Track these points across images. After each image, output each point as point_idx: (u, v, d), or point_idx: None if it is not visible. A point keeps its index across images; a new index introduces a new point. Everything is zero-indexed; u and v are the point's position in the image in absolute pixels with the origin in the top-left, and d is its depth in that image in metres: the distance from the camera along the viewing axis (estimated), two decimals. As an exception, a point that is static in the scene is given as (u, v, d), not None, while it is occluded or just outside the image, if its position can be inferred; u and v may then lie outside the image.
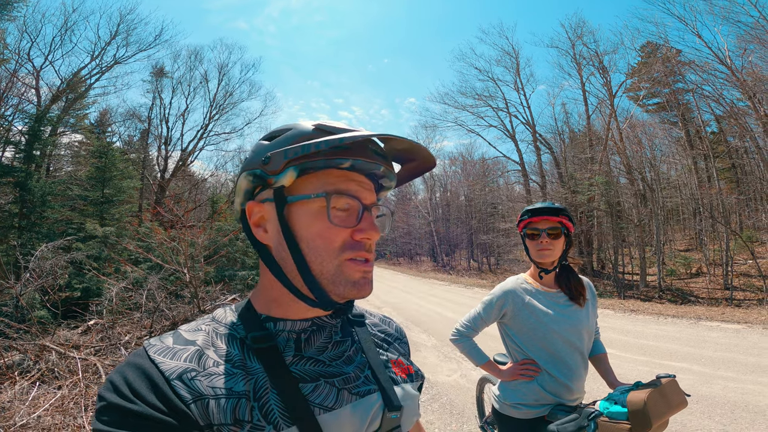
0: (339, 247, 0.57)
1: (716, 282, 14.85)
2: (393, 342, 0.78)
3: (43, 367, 4.12)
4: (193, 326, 0.59)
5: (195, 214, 17.81)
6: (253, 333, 0.57)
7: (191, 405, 0.48)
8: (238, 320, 0.60)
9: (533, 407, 1.63)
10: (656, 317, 8.38)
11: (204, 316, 0.62)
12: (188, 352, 0.53)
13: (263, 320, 0.60)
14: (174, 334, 0.57)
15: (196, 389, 0.49)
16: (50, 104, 15.41)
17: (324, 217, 0.57)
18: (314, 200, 0.57)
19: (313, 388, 0.57)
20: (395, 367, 0.71)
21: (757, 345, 5.69)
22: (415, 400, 0.70)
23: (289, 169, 0.55)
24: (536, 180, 23.39)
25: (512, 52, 23.51)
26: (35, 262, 6.05)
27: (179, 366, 0.51)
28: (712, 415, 3.60)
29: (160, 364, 0.50)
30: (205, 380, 0.51)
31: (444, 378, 4.96)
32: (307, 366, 0.59)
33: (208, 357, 0.54)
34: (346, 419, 0.57)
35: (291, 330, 0.60)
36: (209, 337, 0.57)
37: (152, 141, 22.56)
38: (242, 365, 0.54)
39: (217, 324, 0.60)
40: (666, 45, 18.56)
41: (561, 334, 1.62)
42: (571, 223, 1.68)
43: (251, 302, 0.63)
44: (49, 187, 10.98)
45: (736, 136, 18.39)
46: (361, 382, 0.63)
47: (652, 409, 1.24)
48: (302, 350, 0.60)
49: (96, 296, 6.74)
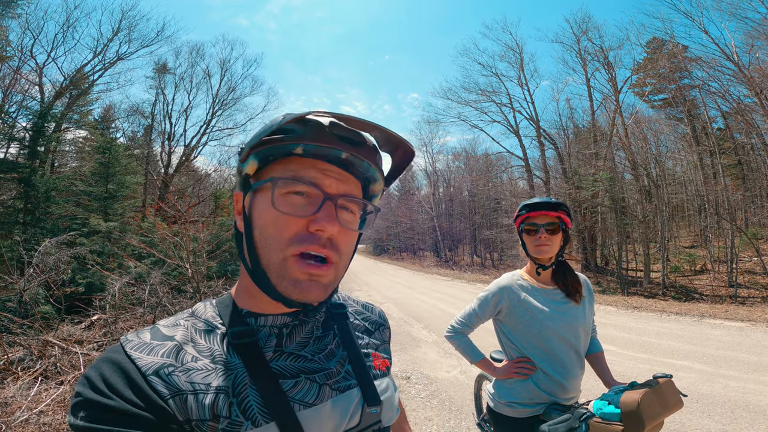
0: (289, 238, 0.54)
1: (720, 279, 14.75)
2: (375, 330, 0.77)
3: (46, 363, 4.16)
4: (172, 321, 0.58)
5: (198, 210, 17.87)
6: (233, 328, 0.57)
7: (169, 400, 0.48)
8: (218, 315, 0.60)
9: (528, 406, 1.62)
10: (659, 314, 8.33)
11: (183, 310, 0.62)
12: (166, 347, 0.53)
13: (244, 315, 0.60)
14: (152, 329, 0.56)
15: (173, 384, 0.49)
16: (53, 101, 15.49)
17: (286, 205, 0.54)
18: (267, 186, 0.56)
19: (293, 384, 0.56)
20: (375, 361, 0.70)
21: (760, 343, 5.64)
22: (394, 394, 0.69)
23: (250, 158, 0.56)
24: (540, 176, 23.29)
25: (516, 47, 23.35)
26: (39, 257, 6.10)
27: (156, 361, 0.50)
28: (711, 414, 3.57)
29: (136, 359, 0.50)
30: (183, 375, 0.50)
31: (443, 374, 4.96)
32: (288, 361, 0.58)
33: (186, 352, 0.53)
34: (327, 415, 0.57)
35: (272, 325, 0.60)
36: (188, 332, 0.56)
37: (155, 137, 22.66)
38: (222, 360, 0.54)
39: (196, 319, 0.59)
40: (672, 41, 18.35)
41: (557, 332, 1.60)
42: (569, 218, 1.65)
43: (232, 296, 0.63)
44: (53, 182, 11.07)
45: (742, 133, 18.22)
46: (342, 377, 0.62)
47: (646, 411, 1.22)
48: (283, 345, 0.59)
49: (99, 291, 6.79)
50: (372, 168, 0.60)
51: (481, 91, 24.28)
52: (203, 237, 7.75)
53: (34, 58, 16.33)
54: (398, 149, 0.64)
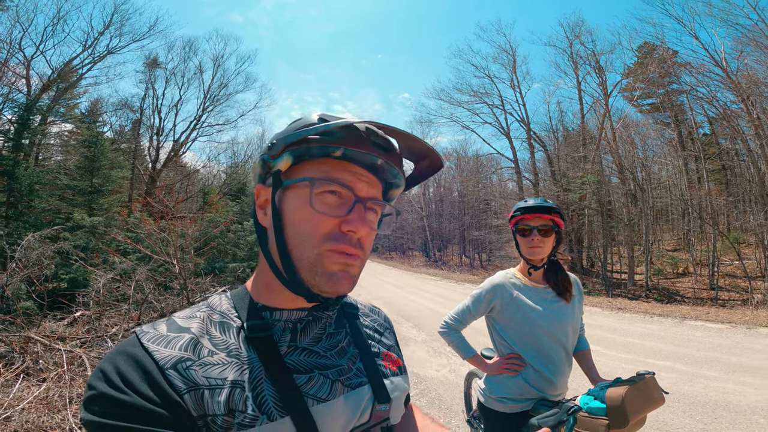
0: (323, 235, 0.56)
1: (702, 282, 15.11)
2: (384, 332, 0.79)
3: (28, 360, 4.07)
4: (188, 313, 0.58)
5: (186, 205, 17.68)
6: (250, 322, 0.57)
7: (185, 395, 0.47)
8: (234, 308, 0.60)
9: (517, 401, 1.65)
10: (642, 315, 8.49)
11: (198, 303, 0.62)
12: (183, 340, 0.52)
13: (260, 309, 0.60)
14: (168, 321, 0.56)
15: (191, 379, 0.49)
16: (40, 93, 15.20)
17: (327, 205, 0.57)
18: (303, 185, 0.57)
19: (307, 379, 0.57)
20: (385, 360, 0.72)
21: (739, 345, 5.79)
22: (404, 392, 0.70)
23: (285, 155, 0.57)
24: (529, 177, 23.57)
25: (509, 49, 23.54)
26: (21, 251, 5.96)
27: (174, 355, 0.50)
28: (693, 413, 3.64)
29: (153, 352, 0.49)
30: (200, 370, 0.50)
31: (433, 373, 4.99)
32: (302, 356, 0.59)
33: (203, 346, 0.53)
34: (339, 411, 0.58)
35: (287, 320, 0.60)
36: (204, 324, 0.56)
37: (144, 131, 22.27)
38: (237, 354, 0.54)
39: (212, 311, 0.59)
40: (663, 46, 18.67)
41: (547, 330, 1.64)
42: (562, 220, 1.69)
43: (247, 290, 0.63)
44: (37, 176, 10.83)
45: (727, 138, 18.64)
46: (353, 374, 0.63)
47: (630, 406, 1.26)
48: (297, 341, 0.60)
49: (83, 287, 6.65)
50: (400, 174, 0.64)
51: (474, 93, 24.45)
52: (191, 233, 7.66)
53: (22, 51, 16.01)
54: (425, 159, 0.67)
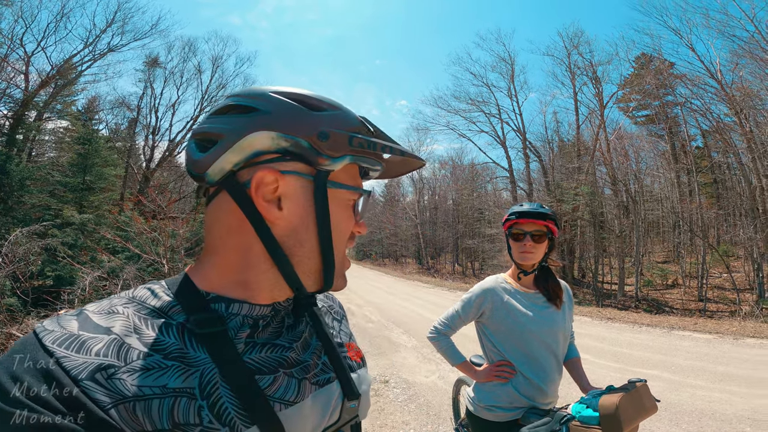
0: (347, 236, 0.57)
1: (691, 294, 15.23)
2: (341, 320, 0.74)
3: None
4: (106, 307, 0.46)
5: (179, 206, 17.52)
6: (196, 315, 0.47)
7: (111, 410, 0.38)
8: (172, 300, 0.49)
9: (507, 410, 1.62)
10: (631, 325, 8.53)
11: (118, 294, 0.50)
12: (102, 342, 0.42)
13: (210, 300, 0.50)
14: (79, 316, 0.44)
15: (115, 390, 0.39)
16: (38, 90, 15.05)
17: (350, 207, 0.56)
18: (349, 191, 0.55)
19: (271, 380, 0.50)
20: (350, 351, 0.67)
21: (726, 355, 5.83)
22: (369, 386, 0.66)
23: (346, 157, 0.52)
24: (524, 187, 23.66)
25: (508, 58, 23.75)
26: (8, 247, 5.85)
27: (90, 361, 0.40)
28: (679, 422, 3.66)
29: (62, 359, 0.39)
30: (128, 378, 0.40)
31: (422, 379, 4.95)
32: (263, 353, 0.52)
33: (131, 347, 0.43)
34: (308, 412, 0.53)
35: (248, 315, 0.51)
36: (130, 321, 0.45)
37: (140, 130, 22.18)
38: (180, 356, 0.45)
39: (140, 305, 0.48)
40: (659, 57, 18.90)
41: (537, 335, 1.62)
42: (556, 227, 1.68)
43: (190, 278, 0.52)
44: (28, 171, 10.72)
45: (719, 152, 18.84)
46: (320, 370, 0.58)
47: (624, 414, 1.24)
48: (255, 336, 0.52)
49: (69, 285, 6.55)
50: None
51: (471, 101, 24.61)
52: (182, 233, 7.58)
53: (23, 47, 15.89)
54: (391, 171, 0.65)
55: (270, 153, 0.49)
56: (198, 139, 0.52)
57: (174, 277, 0.53)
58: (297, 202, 0.51)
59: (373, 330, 7.78)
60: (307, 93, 0.52)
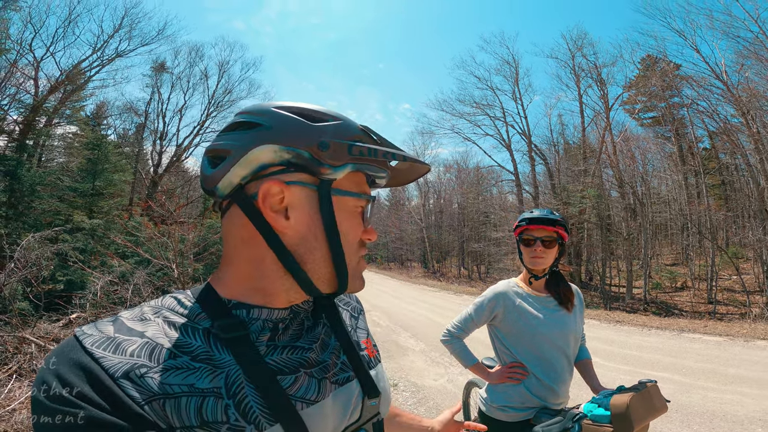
0: (358, 244, 0.58)
1: (700, 296, 15.08)
2: (358, 316, 0.75)
3: (21, 360, 4.04)
4: (138, 314, 0.50)
5: (187, 211, 17.64)
6: (221, 321, 0.50)
7: (145, 406, 0.41)
8: (197, 308, 0.52)
9: (519, 410, 1.65)
10: (640, 328, 8.45)
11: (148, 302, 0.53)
12: (135, 344, 0.45)
13: (231, 307, 0.53)
14: (115, 322, 0.48)
15: (147, 388, 0.42)
16: (47, 95, 15.23)
17: (358, 214, 0.58)
18: (354, 198, 0.57)
19: (293, 380, 0.52)
20: (368, 349, 0.68)
21: (737, 357, 5.76)
22: (388, 382, 0.68)
23: (348, 165, 0.53)
24: (529, 190, 23.62)
25: (512, 61, 23.77)
26: (20, 252, 5.94)
27: (125, 361, 0.43)
28: (690, 424, 3.64)
29: (101, 358, 0.42)
30: (158, 377, 0.44)
31: (431, 382, 4.95)
32: (284, 355, 0.54)
33: (162, 349, 0.46)
34: (329, 411, 0.54)
35: (267, 319, 0.54)
36: (160, 327, 0.49)
37: (147, 135, 22.43)
38: (207, 358, 0.48)
39: (169, 312, 0.51)
40: (664, 59, 18.81)
41: (549, 338, 1.64)
42: (566, 232, 1.71)
43: (212, 287, 0.55)
44: (39, 177, 10.86)
45: (727, 153, 18.70)
46: (339, 369, 0.60)
47: (634, 413, 1.25)
48: (276, 339, 0.55)
49: (80, 289, 6.63)
50: None
51: (476, 104, 24.64)
52: (191, 238, 7.65)
53: (32, 52, 16.09)
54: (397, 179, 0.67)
55: (275, 165, 0.52)
56: (210, 156, 0.55)
57: (197, 286, 0.57)
58: (303, 211, 0.53)
59: (381, 334, 7.78)
60: (308, 106, 0.55)
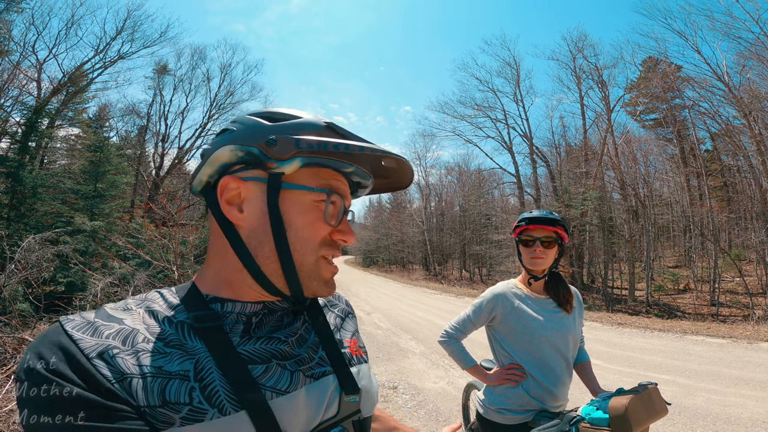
0: (320, 242, 0.57)
1: (703, 298, 15.01)
2: (345, 317, 0.76)
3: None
4: (121, 305, 0.54)
5: (188, 213, 17.70)
6: (196, 312, 0.53)
7: (115, 384, 0.44)
8: (179, 301, 0.56)
9: (517, 413, 1.63)
10: (643, 330, 8.41)
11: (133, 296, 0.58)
12: (112, 329, 0.48)
13: (209, 301, 0.56)
14: (97, 310, 0.52)
15: (117, 367, 0.45)
16: (50, 97, 15.32)
17: (318, 210, 0.56)
18: (311, 193, 0.56)
19: (263, 369, 0.54)
20: (351, 348, 0.69)
21: (741, 359, 5.72)
22: (373, 382, 0.67)
23: (296, 159, 0.54)
24: (531, 193, 23.62)
25: (513, 63, 23.90)
26: (21, 253, 5.96)
27: (100, 343, 0.46)
28: (694, 427, 3.61)
29: (78, 340, 0.45)
30: (129, 358, 0.46)
31: (431, 385, 4.93)
32: (258, 345, 0.56)
33: (137, 334, 0.49)
34: (301, 404, 0.55)
35: (240, 312, 0.57)
36: (140, 316, 0.52)
37: (149, 137, 22.55)
38: (179, 344, 0.50)
39: (150, 303, 0.55)
40: (665, 60, 18.81)
41: (548, 340, 1.63)
42: (566, 233, 1.69)
43: (195, 283, 0.59)
44: (41, 179, 10.91)
45: (729, 155, 18.63)
46: (315, 363, 0.60)
47: (633, 416, 1.23)
48: (251, 331, 0.57)
49: (80, 291, 6.65)
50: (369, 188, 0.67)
51: (477, 106, 24.74)
52: (192, 240, 7.65)
53: (35, 54, 16.26)
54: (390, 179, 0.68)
55: (235, 164, 0.56)
56: None
57: (184, 283, 0.60)
58: (255, 205, 0.55)
59: (382, 336, 7.76)
60: (276, 110, 0.58)
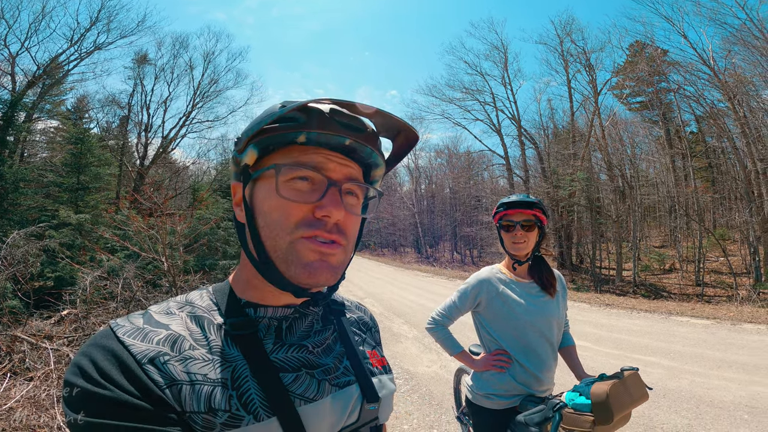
0: (296, 223, 0.53)
1: (688, 278, 15.37)
2: (368, 330, 0.78)
3: (15, 359, 4.01)
4: (165, 308, 0.55)
5: (175, 202, 17.44)
6: (232, 319, 0.55)
7: (166, 390, 0.46)
8: (215, 304, 0.58)
9: (504, 398, 1.67)
10: (629, 311, 8.62)
11: (176, 297, 0.59)
12: (161, 335, 0.50)
13: (243, 305, 0.58)
14: (144, 314, 0.54)
15: (169, 374, 0.47)
16: (25, 90, 14.82)
17: (291, 190, 0.54)
18: (269, 174, 0.55)
19: (293, 378, 0.55)
20: (372, 359, 0.71)
21: (724, 341, 5.91)
22: (391, 391, 0.70)
23: (249, 148, 0.56)
24: (520, 174, 23.70)
25: (501, 46, 23.65)
26: (6, 249, 5.85)
27: (151, 349, 0.48)
28: (678, 410, 3.69)
29: (130, 346, 0.47)
30: (179, 365, 0.48)
31: (424, 369, 5.02)
32: (289, 353, 0.58)
33: (184, 340, 0.51)
34: (327, 411, 0.57)
35: (272, 317, 0.59)
36: (183, 321, 0.54)
37: (132, 128, 21.99)
38: (220, 352, 0.52)
39: (192, 307, 0.57)
40: (652, 45, 18.83)
41: (533, 324, 1.66)
42: (544, 215, 1.72)
43: (230, 284, 0.61)
44: (21, 173, 10.63)
45: (714, 137, 18.90)
46: (341, 373, 0.62)
47: (615, 402, 1.27)
48: (283, 337, 0.59)
49: (69, 285, 6.55)
50: (375, 153, 0.60)
51: (466, 90, 24.54)
52: (180, 230, 7.57)
53: (7, 47, 15.70)
54: (400, 134, 0.63)
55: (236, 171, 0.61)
56: None
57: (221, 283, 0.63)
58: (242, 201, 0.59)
59: (374, 322, 7.84)
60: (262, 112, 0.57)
